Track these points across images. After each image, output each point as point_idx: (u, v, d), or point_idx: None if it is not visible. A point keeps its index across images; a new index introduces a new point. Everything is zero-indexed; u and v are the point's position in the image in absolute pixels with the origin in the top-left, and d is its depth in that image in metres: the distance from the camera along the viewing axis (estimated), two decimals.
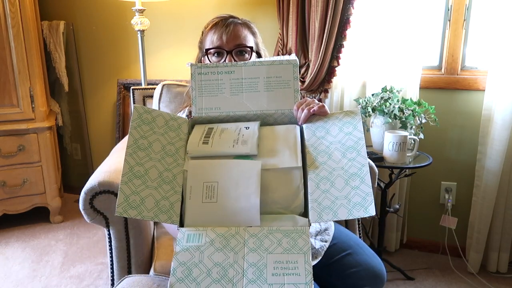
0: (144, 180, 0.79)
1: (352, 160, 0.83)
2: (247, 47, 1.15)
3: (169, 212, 0.78)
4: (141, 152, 0.82)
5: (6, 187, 2.28)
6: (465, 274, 1.95)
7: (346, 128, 0.88)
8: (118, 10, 2.47)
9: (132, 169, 0.79)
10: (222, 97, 0.96)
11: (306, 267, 0.72)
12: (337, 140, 0.87)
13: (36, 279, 1.89)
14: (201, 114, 0.95)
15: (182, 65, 2.41)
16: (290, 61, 0.97)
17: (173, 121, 0.92)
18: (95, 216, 1.18)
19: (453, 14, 1.92)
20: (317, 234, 1.12)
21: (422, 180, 2.07)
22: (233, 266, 0.73)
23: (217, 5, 2.27)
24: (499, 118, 1.77)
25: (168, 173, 0.82)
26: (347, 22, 1.87)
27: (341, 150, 0.85)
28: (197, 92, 0.96)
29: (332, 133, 0.89)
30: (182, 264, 0.73)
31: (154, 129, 0.87)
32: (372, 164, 1.42)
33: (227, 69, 0.97)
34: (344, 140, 0.86)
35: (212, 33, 1.16)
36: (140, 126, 0.86)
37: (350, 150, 0.84)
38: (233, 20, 1.17)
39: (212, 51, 1.16)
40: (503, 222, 1.90)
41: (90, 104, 2.74)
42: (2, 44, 2.13)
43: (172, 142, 0.88)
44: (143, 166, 0.81)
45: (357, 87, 2.01)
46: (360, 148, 0.84)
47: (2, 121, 2.21)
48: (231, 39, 1.13)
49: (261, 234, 0.76)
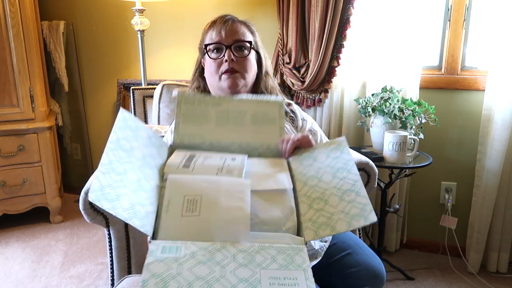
0: (122, 178, 0.72)
1: (344, 179, 0.80)
2: (246, 41, 1.15)
3: (144, 220, 0.70)
4: (122, 152, 0.77)
5: (6, 187, 2.28)
6: (465, 274, 1.95)
7: (333, 153, 0.87)
8: (118, 10, 2.47)
9: (111, 163, 0.72)
10: (206, 126, 0.93)
11: (308, 284, 0.64)
12: (325, 164, 0.85)
13: (36, 279, 1.89)
14: (182, 140, 0.91)
15: (182, 65, 2.41)
16: (277, 101, 0.97)
17: (154, 138, 0.89)
18: (95, 216, 1.18)
19: (453, 14, 1.92)
20: None
21: (422, 180, 2.07)
22: (220, 281, 0.62)
23: (217, 5, 2.27)
24: (499, 118, 1.77)
25: (146, 183, 0.77)
26: (347, 22, 1.88)
27: (330, 172, 0.82)
28: (180, 119, 0.93)
29: (319, 159, 0.87)
30: (155, 276, 0.62)
31: (137, 137, 0.83)
32: (372, 164, 1.42)
33: (215, 101, 0.96)
34: (333, 163, 0.84)
35: (211, 30, 1.16)
36: (124, 129, 0.81)
37: (340, 171, 0.82)
38: (231, 17, 1.17)
39: (212, 47, 1.15)
40: (503, 222, 1.90)
41: (90, 104, 2.74)
42: (2, 44, 2.13)
43: (153, 157, 0.84)
44: (123, 166, 0.74)
45: (357, 87, 2.01)
46: (350, 167, 0.81)
47: (2, 121, 2.21)
48: (229, 34, 1.13)
49: (251, 250, 0.69)
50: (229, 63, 1.11)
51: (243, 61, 1.14)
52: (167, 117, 1.78)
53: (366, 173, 1.41)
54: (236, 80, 1.13)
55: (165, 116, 1.78)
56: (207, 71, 1.18)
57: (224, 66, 1.12)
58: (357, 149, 1.72)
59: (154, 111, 1.81)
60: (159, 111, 1.80)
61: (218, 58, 1.14)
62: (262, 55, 1.21)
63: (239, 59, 1.13)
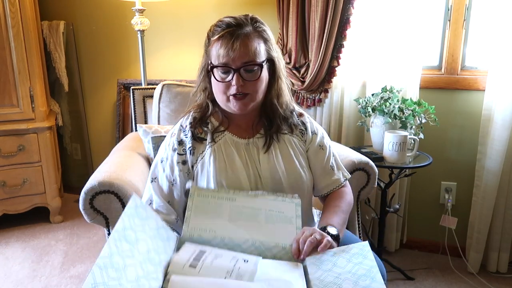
0: (119, 275, 0.67)
1: (367, 287, 0.75)
2: (256, 64, 1.02)
3: None
4: (126, 244, 0.73)
5: (6, 187, 2.28)
6: (465, 274, 1.95)
7: (355, 258, 0.80)
8: (118, 10, 2.46)
9: (111, 257, 0.69)
10: (219, 220, 0.89)
11: None
12: (346, 270, 0.78)
13: (36, 279, 1.89)
14: (192, 234, 0.87)
15: (182, 65, 2.42)
16: (293, 200, 0.94)
17: (163, 229, 0.86)
18: (95, 216, 1.18)
19: (453, 14, 1.92)
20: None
21: (422, 180, 2.07)
22: None
23: (217, 5, 2.27)
24: (499, 118, 1.77)
25: (145, 283, 0.71)
26: (347, 22, 1.88)
27: (352, 279, 0.76)
28: (192, 211, 0.90)
29: (339, 264, 0.80)
30: None
31: (145, 228, 0.80)
32: (372, 164, 1.42)
33: (229, 196, 0.93)
34: (355, 269, 0.78)
35: (219, 47, 1.01)
36: (133, 217, 0.78)
37: (363, 278, 0.76)
38: (241, 31, 1.01)
39: (219, 68, 1.03)
40: (503, 222, 1.90)
41: (90, 104, 2.74)
42: (2, 44, 2.13)
43: (158, 252, 0.80)
44: (123, 260, 0.70)
45: (357, 87, 2.01)
46: (374, 275, 0.76)
47: (2, 121, 2.21)
48: (238, 56, 0.99)
49: None
50: (237, 88, 1.00)
51: (253, 83, 1.02)
52: (167, 117, 1.78)
53: (366, 173, 1.42)
54: (245, 104, 1.04)
55: (165, 116, 1.78)
56: (215, 88, 1.06)
57: (232, 89, 1.01)
58: (357, 149, 1.72)
59: (154, 111, 1.81)
60: (159, 111, 1.80)
61: (225, 80, 1.02)
62: (276, 60, 1.09)
63: (248, 81, 1.02)
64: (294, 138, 1.12)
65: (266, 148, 1.08)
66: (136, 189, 1.22)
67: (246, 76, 1.02)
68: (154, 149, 1.51)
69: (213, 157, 1.05)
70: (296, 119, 1.15)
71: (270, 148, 1.08)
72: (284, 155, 1.08)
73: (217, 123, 1.11)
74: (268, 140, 1.09)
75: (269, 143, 1.08)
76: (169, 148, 1.10)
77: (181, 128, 1.11)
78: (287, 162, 1.08)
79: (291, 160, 1.08)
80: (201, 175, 1.06)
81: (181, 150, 1.08)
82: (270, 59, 1.08)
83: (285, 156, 1.08)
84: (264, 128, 1.11)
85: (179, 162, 1.07)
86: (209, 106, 1.12)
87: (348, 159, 1.42)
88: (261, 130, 1.11)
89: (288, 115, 1.13)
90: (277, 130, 1.10)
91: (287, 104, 1.14)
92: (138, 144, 1.64)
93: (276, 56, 1.09)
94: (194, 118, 1.11)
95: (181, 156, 1.07)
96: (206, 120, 1.11)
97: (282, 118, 1.11)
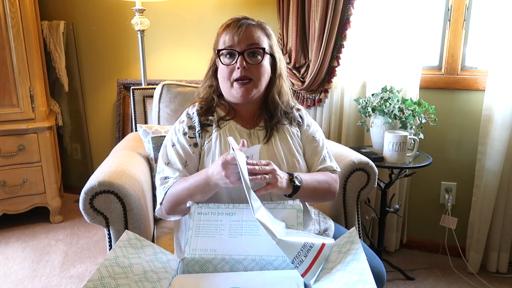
0: None
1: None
2: (260, 48, 1.11)
3: None
4: (118, 268, 0.75)
5: (6, 187, 2.28)
6: (465, 274, 1.95)
7: (349, 267, 0.82)
8: (118, 10, 2.47)
9: (102, 279, 0.71)
10: (219, 238, 0.91)
11: None
12: (342, 282, 0.80)
13: (36, 279, 1.89)
14: (194, 255, 0.90)
15: (182, 65, 2.42)
16: (294, 206, 0.94)
17: (161, 254, 0.88)
18: (95, 216, 1.18)
19: (453, 14, 1.92)
20: (317, 235, 1.12)
21: (422, 180, 2.07)
22: None
23: (217, 5, 2.27)
24: (499, 118, 1.77)
25: None
26: (347, 22, 1.88)
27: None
28: (193, 232, 0.93)
29: (335, 279, 0.81)
30: None
31: (140, 255, 0.82)
32: (372, 164, 1.42)
33: (228, 210, 0.94)
34: (349, 279, 0.79)
35: (225, 34, 1.11)
36: (126, 247, 0.81)
37: (357, 285, 0.77)
38: (246, 21, 1.12)
39: (224, 52, 1.11)
40: (503, 222, 1.90)
41: (90, 104, 2.74)
42: (2, 44, 2.13)
43: (156, 271, 0.82)
44: (116, 281, 0.73)
45: (357, 87, 2.01)
46: (365, 277, 0.77)
47: (2, 121, 2.21)
48: (243, 39, 1.08)
49: None
50: (241, 70, 1.08)
51: (256, 68, 1.10)
52: (167, 117, 1.78)
53: (366, 173, 1.41)
54: (248, 90, 1.10)
55: (165, 116, 1.78)
56: (220, 75, 1.15)
57: (236, 73, 1.09)
58: (357, 149, 1.72)
59: (154, 111, 1.81)
60: (159, 111, 1.80)
61: (231, 64, 1.10)
62: (277, 58, 1.17)
63: (252, 65, 1.10)
64: (292, 128, 1.20)
65: (266, 140, 1.15)
66: (136, 189, 1.23)
67: (250, 60, 1.10)
68: (154, 149, 1.51)
69: (219, 140, 1.12)
70: (296, 113, 1.23)
71: (270, 139, 1.15)
72: (284, 142, 1.16)
73: (223, 113, 1.18)
74: (269, 131, 1.15)
75: (270, 134, 1.16)
76: (179, 133, 1.16)
77: (189, 115, 1.18)
78: (286, 148, 1.15)
79: (290, 147, 1.16)
80: (206, 157, 1.12)
81: (191, 133, 1.15)
82: (272, 55, 1.16)
83: (284, 143, 1.16)
84: (264, 121, 1.18)
85: (191, 144, 1.13)
86: (214, 99, 1.19)
87: (348, 159, 1.42)
88: (261, 123, 1.18)
89: (289, 111, 1.22)
90: (277, 123, 1.17)
91: (288, 102, 1.22)
92: (138, 144, 1.64)
93: (278, 57, 1.17)
94: (201, 107, 1.19)
95: (192, 139, 1.14)
96: (212, 110, 1.18)
97: (283, 112, 1.19)
